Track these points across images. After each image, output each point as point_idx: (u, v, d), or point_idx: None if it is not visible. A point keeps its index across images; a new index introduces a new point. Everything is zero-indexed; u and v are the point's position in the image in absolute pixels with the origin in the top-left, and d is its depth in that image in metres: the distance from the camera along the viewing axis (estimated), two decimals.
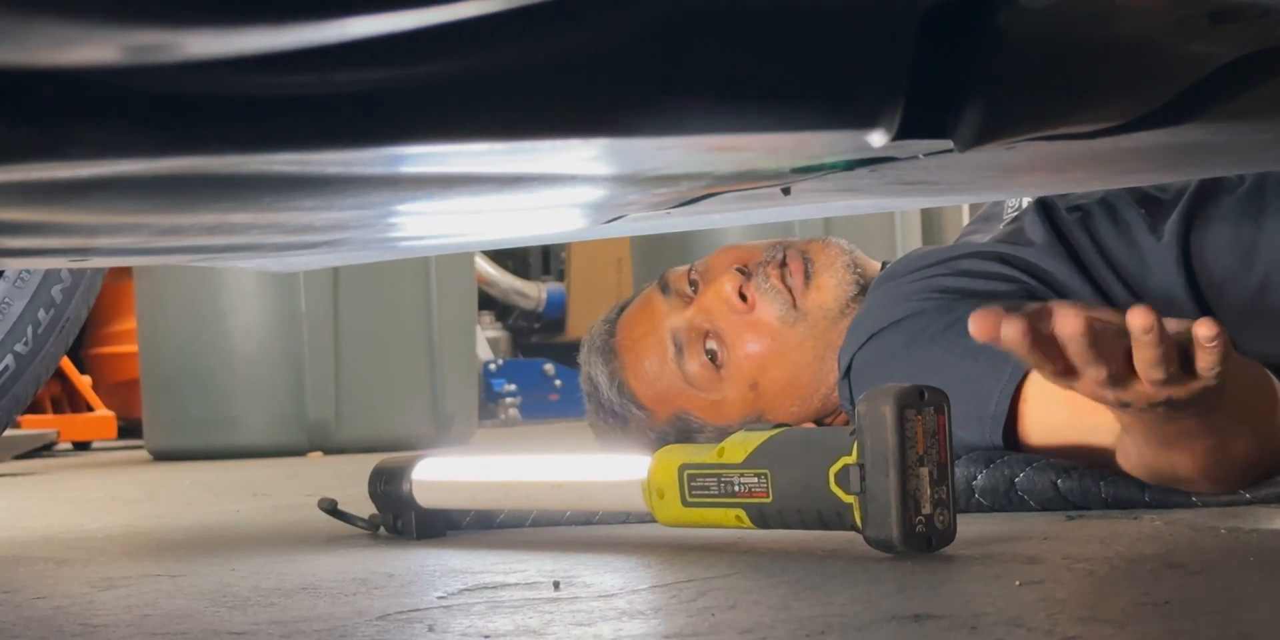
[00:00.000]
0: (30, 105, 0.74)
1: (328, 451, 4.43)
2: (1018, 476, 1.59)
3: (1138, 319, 1.20)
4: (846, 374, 1.80)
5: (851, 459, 1.27)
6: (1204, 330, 1.21)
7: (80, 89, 0.74)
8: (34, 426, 5.09)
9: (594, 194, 1.24)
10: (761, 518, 1.36)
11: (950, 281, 1.80)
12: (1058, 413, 1.62)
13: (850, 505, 1.27)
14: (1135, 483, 1.54)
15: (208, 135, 0.81)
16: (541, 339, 8.76)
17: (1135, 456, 1.50)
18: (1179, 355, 1.24)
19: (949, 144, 1.01)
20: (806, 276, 1.91)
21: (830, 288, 1.91)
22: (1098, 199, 1.84)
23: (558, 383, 7.60)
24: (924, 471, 1.25)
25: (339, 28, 0.66)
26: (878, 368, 1.74)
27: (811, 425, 1.90)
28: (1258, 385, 1.44)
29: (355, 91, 0.80)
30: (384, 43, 0.72)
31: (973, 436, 1.63)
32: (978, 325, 1.21)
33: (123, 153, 0.81)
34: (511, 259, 8.96)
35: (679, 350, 1.92)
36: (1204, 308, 1.72)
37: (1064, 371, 1.26)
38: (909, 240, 4.52)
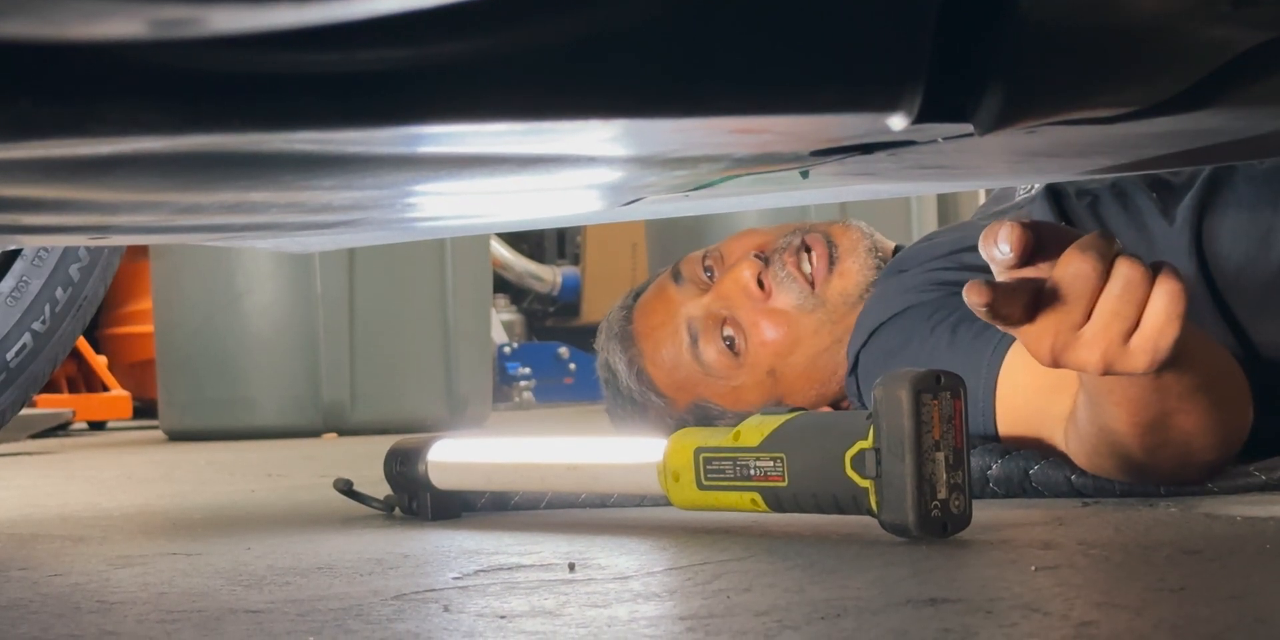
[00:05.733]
0: (55, 81, 0.75)
1: (342, 433, 4.44)
2: (1032, 469, 1.59)
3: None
4: (853, 369, 1.80)
5: (867, 443, 1.27)
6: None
7: (104, 65, 0.74)
8: (50, 406, 5.11)
9: (612, 175, 1.23)
10: (777, 501, 1.36)
11: (952, 275, 1.79)
12: (1019, 401, 1.62)
13: (866, 490, 1.27)
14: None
15: (229, 113, 0.81)
16: (556, 323, 8.77)
17: (1081, 417, 1.46)
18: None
19: (969, 128, 1.01)
20: (831, 261, 1.90)
21: (853, 273, 1.90)
22: (1109, 184, 1.83)
23: (572, 366, 7.60)
24: (940, 456, 1.25)
25: (365, 3, 0.66)
26: (879, 365, 1.74)
27: (829, 409, 1.90)
28: (1219, 371, 1.42)
29: (377, 70, 0.80)
30: (407, 20, 0.72)
31: (972, 429, 1.63)
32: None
33: (145, 129, 0.82)
34: (526, 243, 8.97)
35: (695, 338, 1.91)
36: (1216, 293, 1.71)
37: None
38: (924, 223, 4.52)
